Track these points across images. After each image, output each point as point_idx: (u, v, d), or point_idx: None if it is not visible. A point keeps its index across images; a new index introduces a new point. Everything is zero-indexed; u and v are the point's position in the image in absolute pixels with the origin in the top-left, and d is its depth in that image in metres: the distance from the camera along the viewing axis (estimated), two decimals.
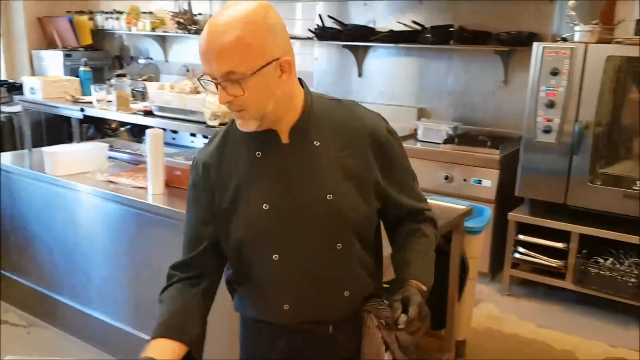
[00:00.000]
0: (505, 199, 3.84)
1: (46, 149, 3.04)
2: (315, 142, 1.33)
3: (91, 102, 3.15)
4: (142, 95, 3.47)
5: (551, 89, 3.41)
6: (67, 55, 5.70)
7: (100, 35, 6.08)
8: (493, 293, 3.86)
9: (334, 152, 1.33)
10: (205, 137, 5.05)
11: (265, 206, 1.30)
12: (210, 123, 2.64)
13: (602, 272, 3.44)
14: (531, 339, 3.30)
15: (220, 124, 2.64)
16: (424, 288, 1.35)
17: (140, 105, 3.06)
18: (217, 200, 1.35)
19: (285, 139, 1.32)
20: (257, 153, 1.33)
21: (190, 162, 2.75)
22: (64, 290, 3.16)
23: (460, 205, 2.73)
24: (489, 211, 3.06)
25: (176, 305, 1.34)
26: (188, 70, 5.58)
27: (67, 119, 4.29)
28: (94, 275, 2.98)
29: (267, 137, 1.32)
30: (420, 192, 1.50)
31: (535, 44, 3.47)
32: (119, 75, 3.57)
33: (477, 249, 2.98)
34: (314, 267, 1.33)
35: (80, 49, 5.85)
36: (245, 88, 1.20)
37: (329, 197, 1.30)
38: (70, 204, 2.99)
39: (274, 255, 1.32)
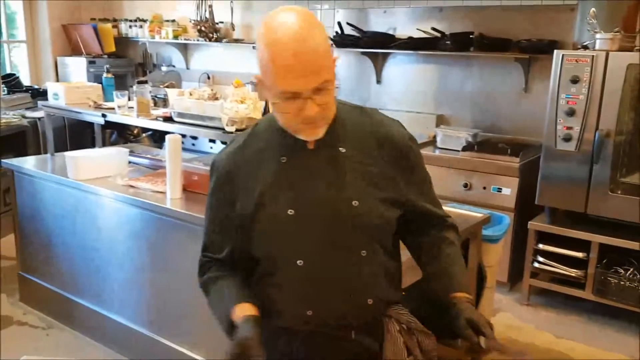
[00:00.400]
0: (525, 207, 3.81)
1: (68, 154, 3.09)
2: (340, 149, 1.33)
3: (113, 108, 3.20)
4: (164, 102, 3.53)
5: (571, 96, 3.38)
6: (90, 62, 5.80)
7: (123, 42, 6.17)
8: (511, 302, 3.82)
9: (359, 158, 1.33)
10: (223, 143, 5.11)
11: (291, 211, 1.30)
12: (227, 129, 2.67)
13: (622, 283, 3.39)
14: (548, 349, 3.26)
15: (237, 130, 2.67)
16: (470, 297, 1.36)
17: (160, 112, 3.11)
18: (240, 206, 1.35)
19: (311, 144, 1.32)
20: (282, 158, 1.33)
21: (208, 167, 2.78)
22: (83, 293, 3.21)
23: (478, 213, 2.71)
24: (507, 219, 3.03)
25: (236, 283, 1.40)
26: (209, 78, 5.64)
27: (90, 125, 4.37)
28: (113, 278, 3.03)
29: (292, 143, 1.32)
30: (437, 198, 1.51)
31: (555, 52, 3.44)
32: (140, 82, 3.62)
33: (496, 258, 2.96)
34: (339, 273, 1.33)
35: (104, 56, 5.94)
36: (329, 93, 1.23)
37: (355, 203, 1.30)
38: (90, 208, 3.03)
39: (299, 261, 1.32)
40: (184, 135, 5.20)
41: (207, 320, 2.67)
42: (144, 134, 5.13)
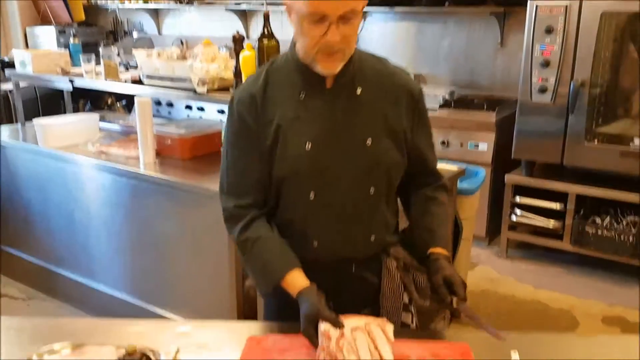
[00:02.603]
0: (503, 163, 3.82)
1: (37, 120, 3.03)
2: (357, 89, 1.38)
3: (81, 74, 3.12)
4: (135, 69, 3.44)
5: (546, 47, 3.36)
6: (61, 32, 5.64)
7: (93, 10, 6.02)
8: (490, 256, 3.86)
9: (374, 100, 1.39)
10: (200, 109, 5.04)
11: (308, 145, 1.35)
12: (198, 90, 2.61)
13: (599, 232, 3.43)
14: (528, 300, 3.31)
15: (209, 91, 2.62)
16: (448, 254, 1.43)
17: (129, 75, 3.04)
18: (259, 138, 1.38)
19: (329, 83, 1.37)
20: (301, 94, 1.37)
21: (181, 131, 2.73)
22: (63, 263, 3.18)
23: (454, 166, 2.71)
24: (483, 172, 3.04)
25: (280, 241, 1.41)
26: (182, 43, 5.53)
27: (62, 96, 4.27)
28: (92, 245, 3.00)
29: (312, 80, 1.36)
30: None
31: (529, 2, 3.41)
32: (107, 45, 3.53)
33: (472, 210, 2.97)
34: (347, 208, 1.39)
35: (73, 25, 5.79)
36: (353, 27, 1.27)
37: (368, 142, 1.36)
38: (64, 176, 2.99)
39: (311, 194, 1.37)
40: (159, 103, 5.14)
41: (188, 282, 2.70)
42: (117, 104, 5.04)
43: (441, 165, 2.67)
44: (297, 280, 1.35)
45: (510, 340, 1.30)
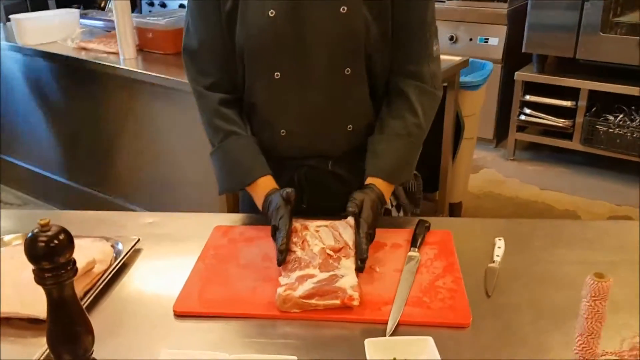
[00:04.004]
0: (513, 59, 3.60)
1: (14, 16, 2.85)
2: None
3: None
4: None
5: None
6: None
7: None
8: (497, 159, 3.72)
9: None
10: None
11: (271, 12, 1.15)
12: None
13: (610, 130, 3.26)
14: (532, 201, 3.21)
15: None
16: (381, 192, 1.18)
17: None
18: (222, 2, 1.20)
19: None
20: None
21: (163, 22, 2.52)
22: (55, 167, 3.11)
23: (455, 57, 2.51)
24: (490, 65, 2.83)
25: (254, 140, 1.26)
26: None
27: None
28: (80, 146, 2.91)
29: None
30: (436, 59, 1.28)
31: None
32: None
33: (475, 107, 2.79)
34: (319, 91, 1.21)
35: None
36: None
37: (343, 9, 1.15)
38: (46, 75, 2.85)
39: (275, 73, 1.19)
40: (151, 4, 4.87)
41: (173, 180, 2.60)
42: (110, 3, 4.79)
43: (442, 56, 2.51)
44: (266, 186, 1.20)
45: (497, 227, 1.19)
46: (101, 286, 1.05)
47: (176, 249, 1.21)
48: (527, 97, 3.50)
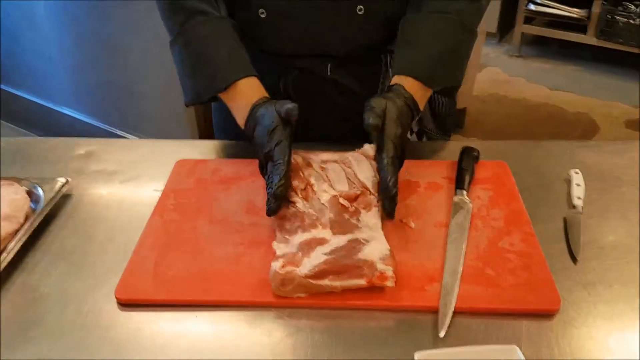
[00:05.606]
0: None
1: None
2: None
3: None
4: None
5: None
6: None
7: None
8: (500, 55, 3.36)
9: None
10: None
11: None
12: None
13: (631, 21, 2.90)
14: (541, 103, 2.89)
15: None
16: (414, 96, 0.81)
17: None
18: None
19: None
20: None
21: None
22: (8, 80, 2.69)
23: None
24: None
25: (235, 39, 0.89)
26: None
27: None
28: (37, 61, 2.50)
29: None
30: None
31: None
32: None
33: None
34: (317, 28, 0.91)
35: None
36: None
37: None
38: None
39: (260, 10, 0.90)
40: None
41: (142, 96, 2.25)
42: None
43: None
44: (252, 92, 0.84)
45: (559, 150, 0.87)
46: (9, 258, 0.71)
47: (121, 195, 0.86)
48: None
